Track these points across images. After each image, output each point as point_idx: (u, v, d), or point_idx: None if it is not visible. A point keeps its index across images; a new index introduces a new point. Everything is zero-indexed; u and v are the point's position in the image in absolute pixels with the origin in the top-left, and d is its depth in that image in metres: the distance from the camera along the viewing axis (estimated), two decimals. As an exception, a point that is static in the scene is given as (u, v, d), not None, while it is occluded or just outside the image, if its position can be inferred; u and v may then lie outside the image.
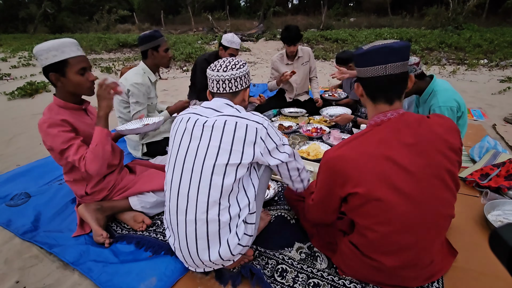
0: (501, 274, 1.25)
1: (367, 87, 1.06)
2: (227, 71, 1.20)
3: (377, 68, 0.99)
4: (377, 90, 1.03)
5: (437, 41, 8.80)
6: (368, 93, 1.06)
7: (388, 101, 1.02)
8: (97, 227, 1.51)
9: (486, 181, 1.88)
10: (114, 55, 9.96)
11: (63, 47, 1.36)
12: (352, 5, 20.95)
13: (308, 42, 10.18)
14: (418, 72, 1.81)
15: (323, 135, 2.66)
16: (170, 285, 1.26)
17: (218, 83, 1.21)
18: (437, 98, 1.77)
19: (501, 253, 0.37)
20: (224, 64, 1.22)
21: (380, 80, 1.00)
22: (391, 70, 0.98)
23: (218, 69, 1.22)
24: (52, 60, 1.34)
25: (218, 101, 1.21)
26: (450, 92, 1.79)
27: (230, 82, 1.21)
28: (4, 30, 19.97)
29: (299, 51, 3.12)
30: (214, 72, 1.22)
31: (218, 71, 1.21)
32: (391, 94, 1.02)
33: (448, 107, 1.73)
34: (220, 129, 1.11)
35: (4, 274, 1.38)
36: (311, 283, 1.25)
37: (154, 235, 1.55)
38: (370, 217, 1.02)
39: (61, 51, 1.35)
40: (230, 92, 1.23)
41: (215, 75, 1.21)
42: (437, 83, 1.83)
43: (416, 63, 1.79)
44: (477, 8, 12.01)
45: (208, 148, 1.10)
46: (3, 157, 2.63)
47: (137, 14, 19.26)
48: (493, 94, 4.29)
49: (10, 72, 6.55)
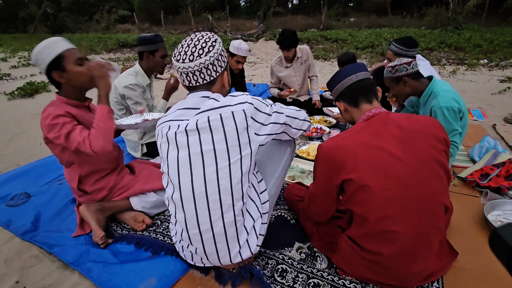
0: (501, 274, 1.25)
1: (347, 96, 1.21)
2: (193, 60, 1.03)
3: (350, 78, 1.19)
4: (356, 94, 1.19)
5: (437, 41, 8.80)
6: (350, 101, 1.21)
7: (368, 100, 1.18)
8: (97, 228, 1.51)
9: (486, 181, 1.88)
10: (114, 55, 9.97)
11: (55, 43, 1.38)
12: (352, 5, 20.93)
13: (308, 42, 10.18)
14: (411, 72, 1.79)
15: (323, 135, 2.66)
16: (170, 285, 1.26)
17: (188, 75, 1.06)
18: (437, 99, 1.75)
19: (501, 253, 0.37)
20: (190, 50, 1.03)
21: (356, 85, 1.18)
22: (361, 77, 1.18)
23: (184, 58, 1.03)
24: (49, 58, 1.36)
25: (193, 97, 1.08)
26: (451, 93, 1.77)
27: (202, 72, 1.05)
28: (4, 30, 19.97)
29: (297, 51, 3.12)
30: (179, 63, 1.04)
31: (184, 62, 1.03)
32: (369, 94, 1.18)
33: (450, 108, 1.72)
34: (206, 129, 1.00)
35: (4, 274, 1.38)
36: (311, 283, 1.25)
37: (154, 235, 1.55)
38: (364, 205, 1.05)
39: (54, 47, 1.37)
40: (205, 83, 1.08)
41: (181, 67, 1.04)
42: (436, 84, 1.82)
43: (407, 62, 1.79)
44: (477, 8, 11.99)
45: (203, 154, 1.01)
46: (3, 157, 2.63)
47: (137, 14, 19.25)
48: (493, 94, 4.29)
49: (10, 72, 6.56)
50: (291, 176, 2.03)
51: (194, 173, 1.03)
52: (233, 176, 1.03)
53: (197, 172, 1.03)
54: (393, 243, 1.05)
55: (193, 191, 1.04)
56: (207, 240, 1.10)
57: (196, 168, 1.03)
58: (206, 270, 1.32)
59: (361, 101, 1.19)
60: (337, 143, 1.09)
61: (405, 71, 1.79)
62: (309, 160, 2.24)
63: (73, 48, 1.43)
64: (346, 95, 1.22)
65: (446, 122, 1.72)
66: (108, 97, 1.46)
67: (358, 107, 1.19)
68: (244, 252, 1.16)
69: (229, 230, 1.09)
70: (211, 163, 1.02)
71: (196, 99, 1.07)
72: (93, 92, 1.49)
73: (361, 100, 1.19)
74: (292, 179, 2.00)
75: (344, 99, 1.23)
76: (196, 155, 1.02)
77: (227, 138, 1.00)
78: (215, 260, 1.17)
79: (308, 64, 3.21)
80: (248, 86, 4.89)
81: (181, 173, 1.05)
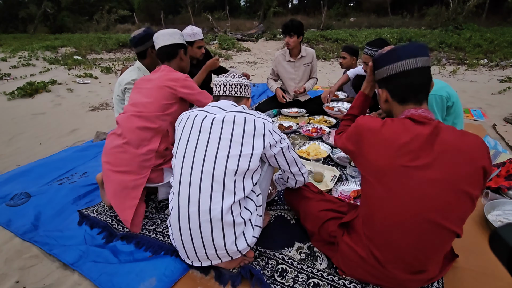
0: (501, 274, 1.25)
1: (395, 90, 1.03)
2: (234, 78, 1.35)
3: (408, 62, 0.96)
4: (406, 91, 1.01)
5: (437, 41, 8.80)
6: (395, 96, 1.04)
7: (417, 102, 1.01)
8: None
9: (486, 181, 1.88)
10: (114, 55, 9.96)
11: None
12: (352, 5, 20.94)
13: (308, 42, 10.19)
14: None
15: (323, 135, 2.66)
16: (169, 286, 1.26)
17: (225, 86, 1.33)
18: None
19: (501, 253, 0.37)
20: (231, 74, 1.36)
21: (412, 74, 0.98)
22: (421, 63, 0.97)
23: (226, 76, 1.35)
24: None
25: (224, 102, 1.29)
26: (441, 84, 1.80)
27: (236, 87, 1.33)
28: (4, 30, 19.97)
29: (302, 50, 3.13)
30: (222, 78, 1.35)
31: (226, 77, 1.35)
32: (420, 94, 1.00)
33: (438, 96, 1.74)
34: (230, 123, 1.16)
35: (4, 274, 1.38)
36: (311, 283, 1.25)
37: (154, 235, 1.55)
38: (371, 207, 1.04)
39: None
40: (235, 95, 1.33)
41: (223, 80, 1.34)
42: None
43: None
44: (477, 8, 12.00)
45: (220, 141, 1.15)
46: (3, 157, 2.63)
47: (137, 14, 19.24)
48: (493, 94, 4.29)
49: (10, 72, 6.55)
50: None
51: (207, 154, 1.15)
52: (240, 166, 1.13)
53: (210, 153, 1.15)
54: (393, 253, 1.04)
55: (202, 170, 1.14)
56: (204, 222, 1.13)
57: (211, 150, 1.15)
58: (206, 270, 1.32)
59: (409, 101, 1.02)
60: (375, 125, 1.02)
61: None
62: (309, 160, 2.24)
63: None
64: (394, 87, 1.03)
65: (431, 110, 1.73)
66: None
67: (402, 104, 1.04)
68: (240, 243, 1.17)
69: (226, 216, 1.13)
70: (224, 149, 1.14)
71: (227, 104, 1.27)
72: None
73: (409, 100, 1.02)
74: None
75: (389, 89, 1.06)
76: (214, 140, 1.16)
77: (244, 134, 1.15)
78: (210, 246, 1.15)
79: (311, 67, 3.23)
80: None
81: (197, 152, 1.17)
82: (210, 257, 1.19)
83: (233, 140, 1.15)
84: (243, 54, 9.35)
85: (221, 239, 1.14)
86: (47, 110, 4.01)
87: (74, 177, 2.20)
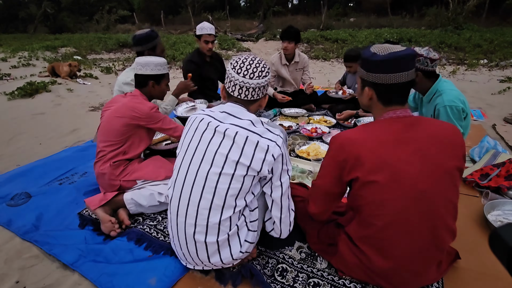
0: (501, 274, 1.25)
1: (383, 92, 1.05)
2: (253, 79, 1.12)
3: (400, 75, 1.00)
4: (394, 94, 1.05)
5: (437, 41, 8.80)
6: (382, 97, 1.07)
7: (401, 103, 1.06)
8: (103, 214, 1.58)
9: (486, 181, 1.88)
10: (114, 55, 9.95)
11: (165, 65, 1.82)
12: (352, 5, 20.91)
13: (308, 42, 10.17)
14: (429, 69, 1.72)
15: (323, 135, 2.66)
16: (170, 286, 1.26)
17: (241, 88, 1.13)
18: (442, 98, 1.73)
19: (501, 253, 0.37)
20: (251, 69, 1.12)
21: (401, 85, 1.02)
22: (411, 77, 1.03)
23: (245, 74, 1.11)
24: (156, 72, 1.77)
25: (233, 106, 1.15)
26: (456, 92, 1.75)
27: (254, 90, 1.14)
28: (4, 30, 19.93)
29: (296, 56, 3.30)
30: (240, 76, 1.12)
31: (244, 77, 1.11)
32: (404, 97, 1.06)
33: (454, 107, 1.69)
34: (230, 138, 1.08)
35: (4, 274, 1.38)
36: (311, 282, 1.25)
37: (155, 234, 1.55)
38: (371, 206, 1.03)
39: (164, 68, 1.81)
40: (251, 99, 1.16)
41: (241, 80, 1.12)
42: (442, 83, 1.79)
43: (432, 59, 1.69)
44: (477, 8, 12.00)
45: (216, 154, 1.08)
46: (3, 157, 2.63)
47: (137, 14, 19.23)
48: (493, 94, 4.29)
49: (10, 72, 6.55)
50: (291, 176, 2.03)
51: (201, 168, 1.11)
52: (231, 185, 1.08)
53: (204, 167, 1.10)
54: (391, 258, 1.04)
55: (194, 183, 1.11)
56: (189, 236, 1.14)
57: (206, 162, 1.10)
58: (207, 270, 1.32)
59: (394, 102, 1.05)
60: (356, 138, 1.03)
61: (424, 66, 1.72)
62: (308, 160, 2.23)
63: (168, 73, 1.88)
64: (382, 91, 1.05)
65: (449, 121, 1.70)
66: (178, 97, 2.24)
67: (386, 106, 1.07)
68: (224, 253, 1.16)
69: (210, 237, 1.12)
70: (218, 165, 1.08)
71: (236, 110, 1.15)
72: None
73: (394, 101, 1.05)
74: (292, 179, 2.00)
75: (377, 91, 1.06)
76: (211, 152, 1.10)
77: (241, 156, 1.07)
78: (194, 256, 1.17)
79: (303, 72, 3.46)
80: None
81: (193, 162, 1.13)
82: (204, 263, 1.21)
83: (228, 157, 1.07)
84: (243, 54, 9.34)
85: (204, 253, 1.15)
86: (47, 110, 4.01)
87: (74, 177, 2.20)
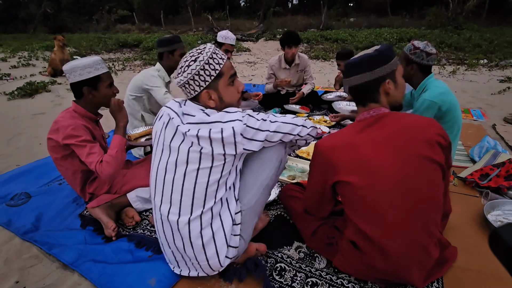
0: (501, 274, 1.25)
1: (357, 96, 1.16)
2: (179, 76, 1.10)
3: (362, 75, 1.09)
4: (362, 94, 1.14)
5: (437, 41, 8.79)
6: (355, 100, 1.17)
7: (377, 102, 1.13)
8: (108, 220, 1.56)
9: (486, 181, 1.88)
10: (114, 55, 9.95)
11: (96, 64, 1.52)
12: (352, 5, 20.91)
13: (308, 42, 10.17)
14: (423, 63, 1.73)
15: (323, 135, 2.67)
16: (169, 286, 1.26)
17: (181, 87, 1.12)
18: (425, 93, 1.74)
19: (501, 253, 0.37)
20: (180, 65, 1.11)
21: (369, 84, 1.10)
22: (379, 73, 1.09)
23: (178, 72, 1.11)
24: (87, 76, 1.50)
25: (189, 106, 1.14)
26: (441, 90, 1.73)
27: (186, 87, 1.11)
28: (4, 30, 19.92)
29: (296, 58, 3.27)
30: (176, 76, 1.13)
31: (176, 77, 1.12)
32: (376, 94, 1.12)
33: (430, 101, 1.68)
34: (194, 137, 1.05)
35: (4, 274, 1.38)
36: (309, 282, 1.25)
37: (155, 235, 1.55)
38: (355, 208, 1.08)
39: (95, 68, 1.51)
40: (191, 97, 1.14)
41: (177, 79, 1.11)
42: (432, 80, 1.78)
43: (428, 53, 1.71)
44: (477, 8, 12.00)
45: (179, 154, 1.07)
46: (3, 157, 2.63)
47: (137, 14, 19.21)
48: (493, 94, 4.29)
49: (10, 72, 6.55)
50: (291, 176, 2.03)
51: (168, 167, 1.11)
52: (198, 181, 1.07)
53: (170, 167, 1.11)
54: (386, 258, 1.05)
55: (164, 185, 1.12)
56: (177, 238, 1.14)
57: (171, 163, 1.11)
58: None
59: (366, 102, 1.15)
60: (333, 144, 1.12)
61: (420, 59, 1.73)
62: (308, 160, 2.23)
63: (108, 71, 1.58)
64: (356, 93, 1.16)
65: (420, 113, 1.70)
66: (125, 129, 1.63)
67: (364, 107, 1.15)
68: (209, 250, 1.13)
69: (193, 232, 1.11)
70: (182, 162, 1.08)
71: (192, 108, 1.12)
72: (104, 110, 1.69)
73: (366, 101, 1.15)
74: (292, 179, 2.00)
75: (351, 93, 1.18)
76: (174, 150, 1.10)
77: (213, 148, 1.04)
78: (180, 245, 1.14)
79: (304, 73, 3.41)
80: (248, 86, 4.90)
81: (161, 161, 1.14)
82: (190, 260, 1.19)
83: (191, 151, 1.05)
84: (243, 54, 9.34)
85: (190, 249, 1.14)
86: (47, 110, 4.01)
87: (74, 177, 2.20)
